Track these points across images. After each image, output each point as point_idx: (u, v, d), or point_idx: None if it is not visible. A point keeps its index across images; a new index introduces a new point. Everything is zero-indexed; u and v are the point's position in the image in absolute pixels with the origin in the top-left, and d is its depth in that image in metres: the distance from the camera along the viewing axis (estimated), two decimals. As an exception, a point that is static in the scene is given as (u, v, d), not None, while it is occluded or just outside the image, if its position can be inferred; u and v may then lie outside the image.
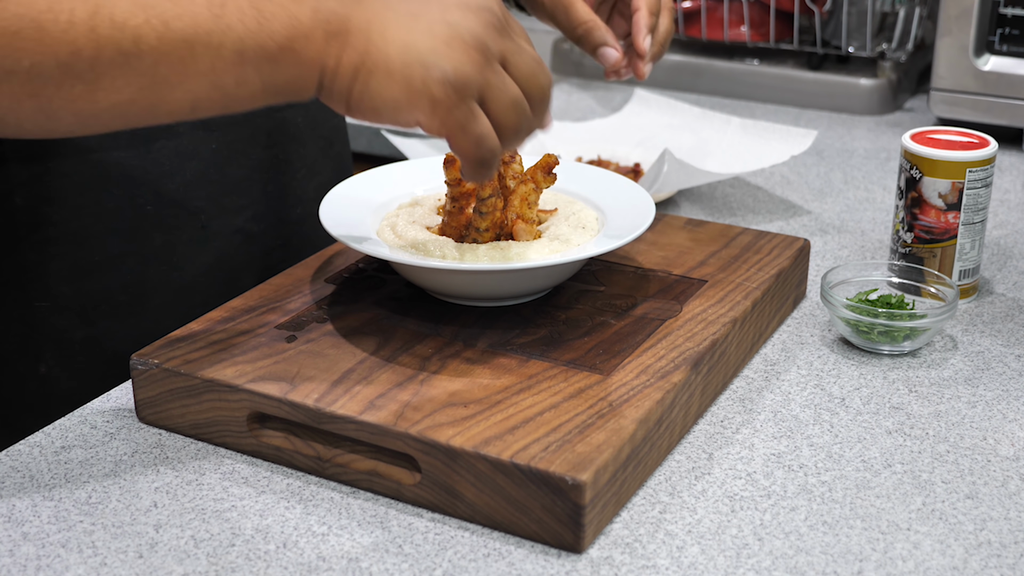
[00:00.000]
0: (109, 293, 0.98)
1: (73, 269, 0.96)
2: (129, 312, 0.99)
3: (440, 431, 0.77)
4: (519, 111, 0.77)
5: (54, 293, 0.96)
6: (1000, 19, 1.45)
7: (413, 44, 0.74)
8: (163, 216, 0.98)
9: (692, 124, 1.44)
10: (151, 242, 0.98)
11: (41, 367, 0.98)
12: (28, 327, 0.96)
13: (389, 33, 0.74)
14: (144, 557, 0.74)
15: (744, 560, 0.74)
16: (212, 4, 0.72)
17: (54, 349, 0.98)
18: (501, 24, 0.77)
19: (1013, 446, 0.86)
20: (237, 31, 0.72)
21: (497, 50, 0.76)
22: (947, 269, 1.06)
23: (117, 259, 0.98)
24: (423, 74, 0.74)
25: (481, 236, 0.92)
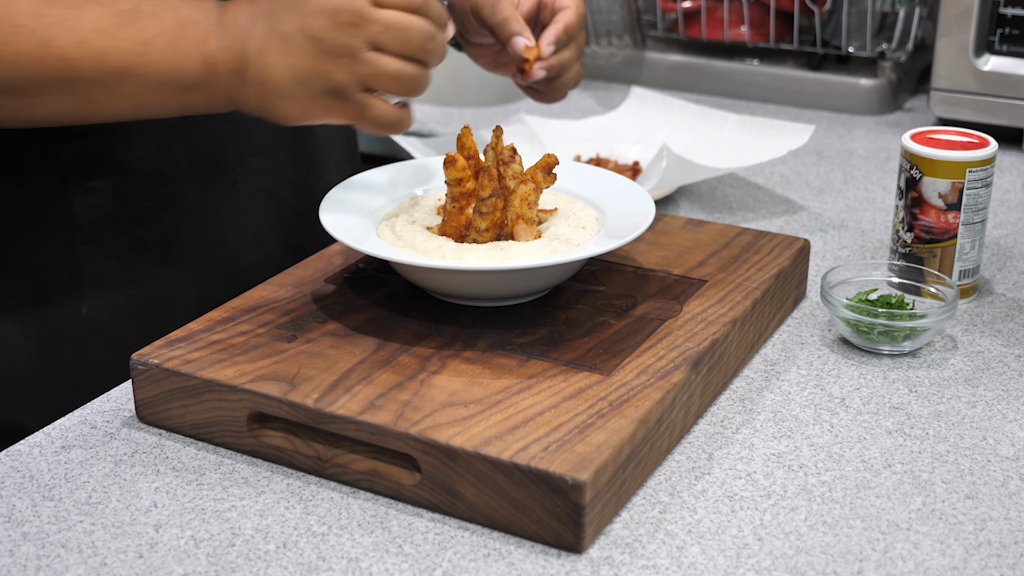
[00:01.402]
0: (147, 242, 1.03)
1: (115, 218, 1.02)
2: (165, 260, 1.04)
3: (440, 431, 0.77)
4: (402, 78, 0.87)
5: (97, 239, 1.02)
6: (1000, 19, 1.45)
7: (292, 66, 0.86)
8: (198, 173, 1.04)
9: (689, 121, 1.44)
10: (186, 196, 1.04)
11: (83, 307, 1.02)
12: (72, 271, 1.02)
13: (272, 60, 0.86)
14: (144, 557, 0.74)
15: (744, 560, 0.74)
16: (139, 42, 0.86)
17: (96, 292, 1.02)
18: (357, 16, 0.86)
19: (1013, 446, 0.86)
20: (158, 67, 0.87)
21: (361, 42, 0.86)
22: (947, 269, 1.06)
23: (155, 211, 1.03)
24: (307, 91, 0.87)
25: (481, 236, 0.92)
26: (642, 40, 1.77)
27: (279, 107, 0.88)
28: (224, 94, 0.89)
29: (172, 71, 0.87)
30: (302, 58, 0.86)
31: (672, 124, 1.44)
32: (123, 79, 0.86)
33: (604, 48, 1.76)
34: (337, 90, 0.86)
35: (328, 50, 0.86)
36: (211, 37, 0.87)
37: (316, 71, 0.86)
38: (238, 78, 0.87)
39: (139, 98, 0.88)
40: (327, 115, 0.89)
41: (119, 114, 0.89)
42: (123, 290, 1.03)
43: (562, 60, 1.04)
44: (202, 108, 0.90)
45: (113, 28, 0.85)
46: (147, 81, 0.86)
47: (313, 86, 0.86)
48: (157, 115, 0.90)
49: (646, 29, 1.77)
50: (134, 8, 0.86)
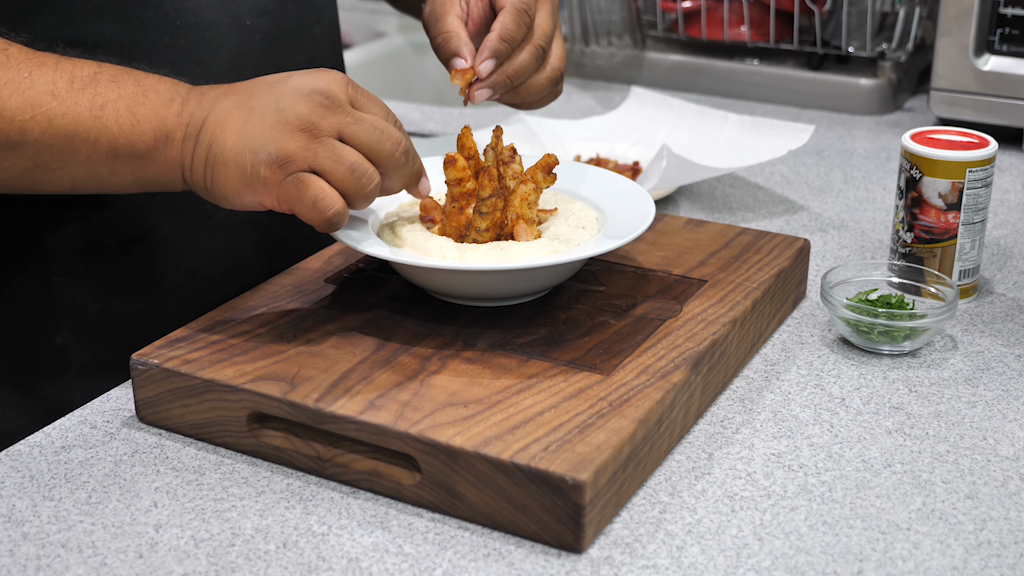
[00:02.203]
0: (121, 274, 1.01)
1: (88, 250, 1.00)
2: (139, 292, 1.03)
3: (440, 431, 0.77)
4: (359, 176, 0.84)
5: (70, 269, 1.00)
6: (1000, 19, 1.45)
7: (245, 133, 0.83)
8: (172, 206, 1.02)
9: (689, 121, 1.44)
10: (160, 230, 1.02)
11: (57, 337, 1.01)
12: (46, 299, 1.00)
13: (229, 127, 0.83)
14: (144, 557, 0.74)
15: (744, 560, 0.74)
16: (93, 106, 0.83)
17: (69, 321, 1.01)
18: (334, 103, 0.84)
19: (1013, 446, 0.86)
20: (112, 131, 0.83)
21: (329, 126, 0.83)
22: (947, 269, 1.06)
23: (128, 243, 1.01)
24: (252, 158, 0.83)
25: (481, 236, 0.92)
26: (642, 40, 1.77)
27: (219, 176, 0.84)
28: (177, 163, 0.85)
29: (126, 136, 0.83)
30: (259, 126, 0.83)
31: (672, 124, 1.44)
32: (73, 144, 0.83)
33: (604, 48, 1.76)
34: (281, 159, 0.82)
35: (288, 120, 0.83)
36: (173, 104, 0.85)
37: (267, 137, 0.82)
38: (191, 145, 0.84)
39: (91, 165, 0.84)
40: (264, 192, 0.83)
41: (74, 182, 0.86)
42: (97, 320, 1.01)
43: (511, 71, 0.96)
44: (155, 179, 0.86)
45: (66, 92, 0.83)
46: (99, 147, 0.83)
47: (257, 153, 0.82)
48: (112, 186, 0.86)
49: (646, 29, 1.77)
50: (94, 75, 0.84)
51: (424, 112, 1.67)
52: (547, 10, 0.99)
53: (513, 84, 0.97)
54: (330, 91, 0.84)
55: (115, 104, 0.83)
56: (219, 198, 0.85)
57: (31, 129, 0.82)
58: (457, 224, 0.95)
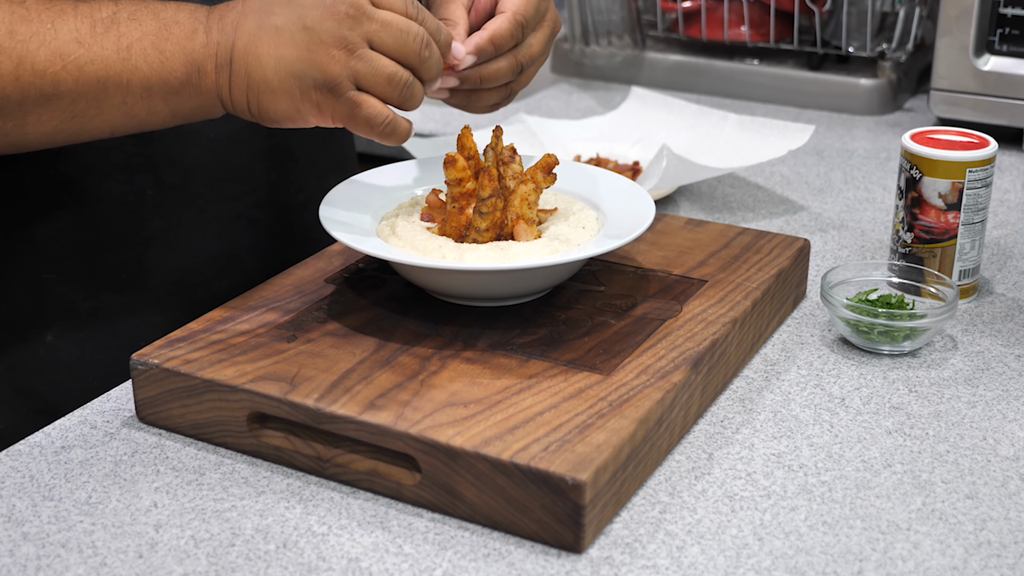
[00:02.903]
0: (112, 270, 1.01)
1: (78, 247, 1.00)
2: (130, 289, 1.02)
3: (440, 431, 0.77)
4: (396, 82, 0.85)
5: (61, 267, 1.00)
6: (1000, 19, 1.45)
7: (283, 58, 0.83)
8: (162, 200, 1.01)
9: (689, 121, 1.44)
10: (151, 225, 1.01)
11: (48, 335, 1.01)
12: (37, 297, 1.00)
13: (262, 52, 0.84)
14: (144, 557, 0.74)
15: (744, 560, 0.74)
16: (120, 48, 0.83)
17: (61, 319, 1.01)
18: (357, 10, 0.83)
19: (1013, 446, 0.86)
20: (143, 71, 0.84)
21: (358, 37, 0.83)
22: (947, 269, 1.06)
23: (119, 239, 1.01)
24: (299, 84, 0.83)
25: (481, 236, 0.92)
26: (642, 40, 1.77)
27: (266, 104, 0.85)
28: (214, 93, 0.86)
29: (157, 74, 0.84)
30: (294, 49, 0.83)
31: (672, 124, 1.44)
32: (107, 89, 0.84)
33: (604, 48, 1.76)
34: (329, 84, 0.83)
35: (323, 40, 0.83)
36: (196, 35, 0.85)
37: (308, 62, 0.83)
38: (226, 74, 0.85)
39: (128, 107, 0.85)
40: (317, 114, 0.85)
41: (113, 126, 0.86)
42: (89, 318, 1.01)
43: (483, 74, 0.94)
44: (194, 112, 0.87)
45: (91, 38, 0.83)
46: (133, 88, 0.84)
47: (304, 79, 0.83)
48: (152, 124, 0.87)
49: (646, 29, 1.77)
50: (113, 15, 0.84)
51: (424, 112, 1.67)
52: (544, 35, 0.97)
53: (479, 87, 0.95)
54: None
55: (140, 43, 0.83)
56: (269, 122, 0.86)
57: (63, 79, 0.82)
58: (457, 224, 0.95)
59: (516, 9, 0.94)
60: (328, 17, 0.83)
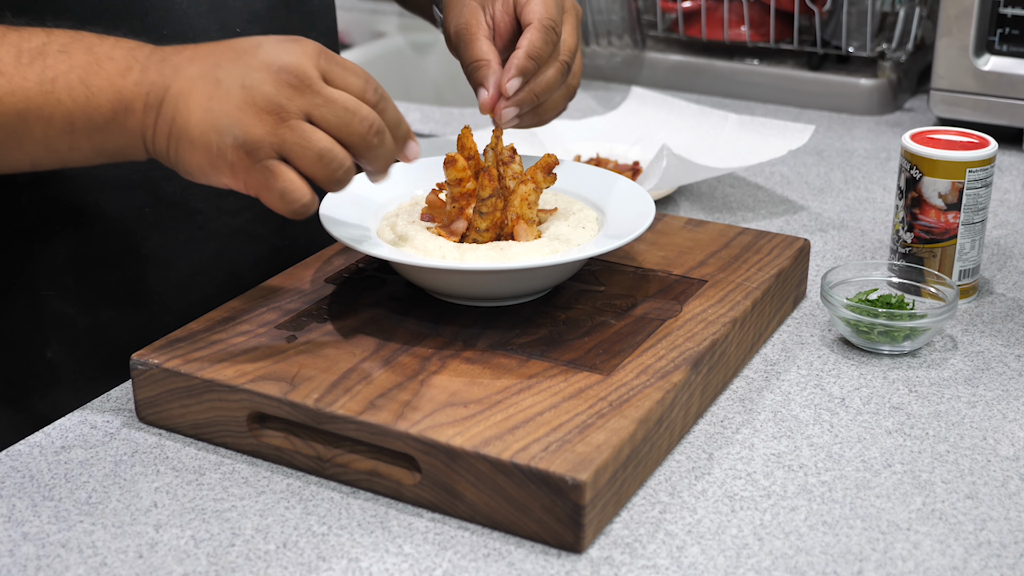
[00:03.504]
0: (110, 287, 1.00)
1: (75, 264, 0.99)
2: (129, 305, 1.01)
3: (440, 431, 0.77)
4: (328, 161, 0.80)
5: (59, 284, 0.99)
6: (1000, 19, 1.45)
7: (210, 110, 0.79)
8: (160, 219, 1.01)
9: (689, 121, 1.44)
10: (149, 243, 1.01)
11: (47, 352, 1.01)
12: (35, 314, 0.99)
13: (193, 101, 0.79)
14: (144, 557, 0.74)
15: (744, 560, 0.74)
16: (43, 80, 0.79)
17: (59, 335, 1.00)
18: (303, 82, 0.79)
19: (1013, 446, 0.86)
20: (66, 105, 0.79)
21: (296, 108, 0.79)
22: (947, 269, 1.06)
23: (116, 257, 1.00)
24: (217, 140, 0.79)
25: (481, 236, 0.92)
26: (642, 40, 1.77)
27: (183, 153, 0.80)
28: (138, 133, 0.81)
29: (81, 109, 0.79)
30: (224, 104, 0.79)
31: (672, 124, 1.44)
32: (27, 121, 0.79)
33: (604, 48, 1.76)
34: (248, 145, 0.78)
35: (255, 101, 0.78)
36: (130, 72, 0.80)
37: (234, 119, 0.78)
38: (152, 116, 0.80)
39: (49, 141, 0.80)
40: (230, 174, 0.80)
41: (34, 160, 0.82)
42: (88, 334, 1.00)
43: (537, 88, 0.94)
44: (116, 152, 0.82)
45: (13, 68, 0.79)
46: (55, 122, 0.80)
47: (224, 135, 0.78)
48: (75, 160, 0.83)
49: (646, 29, 1.77)
50: (42, 46, 0.80)
51: (424, 112, 1.67)
52: (572, 24, 0.98)
53: (538, 101, 0.95)
54: (299, 68, 0.79)
55: (67, 76, 0.79)
56: (184, 174, 0.82)
57: None
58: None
59: (540, 16, 0.94)
60: (269, 81, 0.79)
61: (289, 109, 0.79)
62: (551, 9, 0.95)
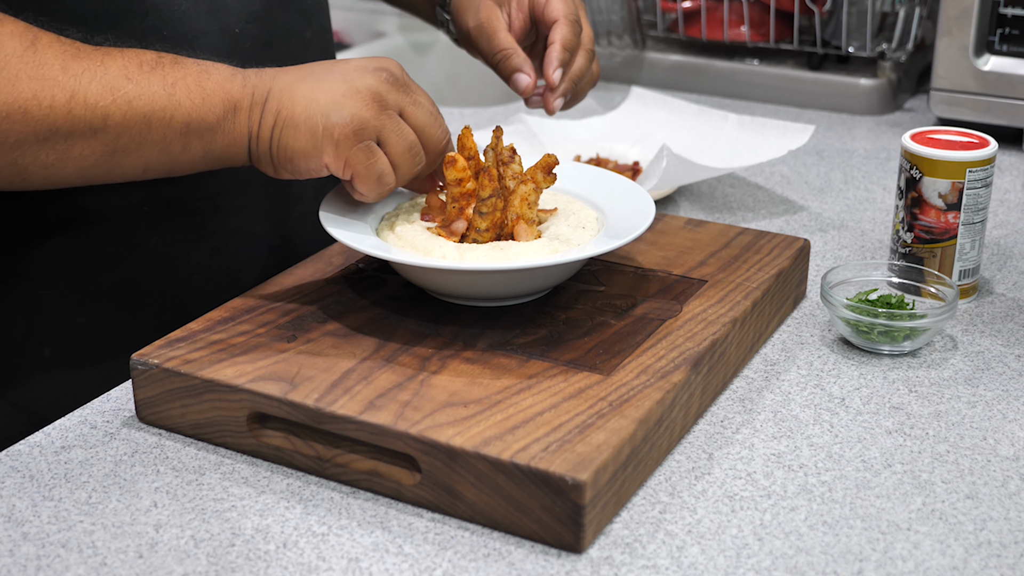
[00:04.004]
0: (108, 287, 1.01)
1: (73, 263, 0.99)
2: (127, 306, 1.02)
3: (440, 431, 0.77)
4: (414, 155, 0.91)
5: (56, 283, 0.99)
6: (1000, 19, 1.45)
7: (315, 99, 0.88)
8: (158, 218, 1.01)
9: (689, 121, 1.44)
10: (147, 242, 1.01)
11: (44, 351, 1.01)
12: (32, 313, 1.00)
13: (297, 94, 0.88)
14: (144, 557, 0.74)
15: (744, 560, 0.74)
16: (165, 84, 0.86)
17: (56, 335, 1.01)
18: (399, 82, 0.90)
19: (1013, 446, 0.86)
20: (185, 107, 0.87)
21: (394, 101, 0.89)
22: (947, 269, 1.06)
23: (114, 257, 1.00)
24: (324, 121, 0.87)
25: (481, 236, 0.93)
26: (642, 40, 1.77)
27: (287, 138, 0.88)
28: (244, 131, 0.89)
29: (198, 110, 0.87)
30: (329, 93, 0.87)
31: (672, 124, 1.44)
32: (151, 123, 0.86)
33: (604, 48, 1.76)
34: (355, 125, 0.87)
35: (359, 90, 0.88)
36: (235, 78, 0.89)
37: (340, 104, 0.87)
38: (258, 112, 0.88)
39: (166, 143, 0.87)
40: (333, 153, 0.88)
41: (147, 164, 0.88)
42: (85, 334, 1.00)
43: (574, 75, 1.05)
44: (222, 152, 0.89)
45: (139, 75, 0.86)
46: (175, 124, 0.86)
47: (330, 116, 0.87)
48: (182, 163, 0.89)
49: (646, 29, 1.77)
50: (158, 58, 0.87)
51: (424, 112, 1.67)
52: (585, 16, 1.09)
53: (575, 89, 1.07)
54: (393, 70, 0.90)
55: (184, 81, 0.87)
56: (283, 161, 0.89)
57: (112, 113, 0.85)
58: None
59: (566, 12, 1.05)
60: (369, 75, 0.89)
61: (388, 100, 0.89)
62: (570, 5, 1.06)
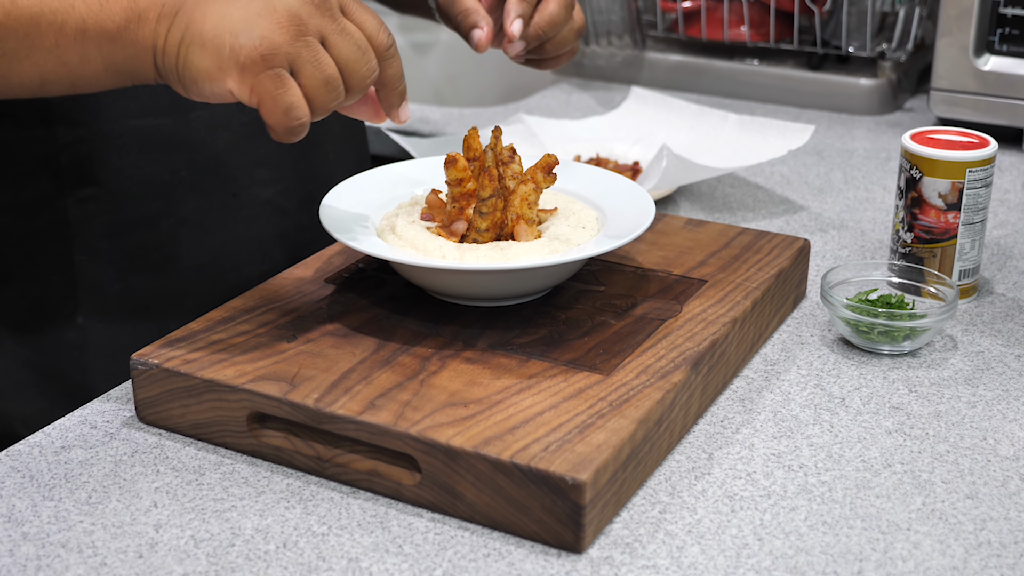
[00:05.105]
0: (145, 251, 1.01)
1: (111, 226, 1.00)
2: (162, 270, 1.02)
3: (440, 431, 0.77)
4: (331, 89, 0.79)
5: (93, 248, 1.00)
6: (1000, 19, 1.45)
7: (227, 15, 0.77)
8: (196, 182, 1.02)
9: (689, 121, 1.44)
10: (184, 206, 1.02)
11: (79, 317, 1.01)
12: (68, 279, 1.00)
13: (210, 9, 0.78)
14: (144, 557, 0.74)
15: (744, 560, 0.74)
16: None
17: (92, 301, 1.01)
18: (325, 2, 0.79)
19: (1013, 446, 0.86)
20: (80, 11, 0.78)
21: (315, 27, 0.78)
22: (947, 269, 1.06)
23: (152, 220, 1.01)
24: (231, 41, 0.76)
25: (481, 236, 0.93)
26: (642, 40, 1.77)
27: (192, 59, 0.78)
28: (149, 44, 0.79)
29: (95, 16, 0.78)
30: (243, 10, 0.77)
31: (672, 124, 1.44)
32: (39, 26, 0.78)
33: (604, 48, 1.76)
34: (264, 50, 0.77)
35: (276, 10, 0.77)
36: None
37: (252, 24, 0.77)
38: (165, 25, 0.79)
39: (60, 51, 0.79)
40: (238, 79, 0.78)
41: (42, 72, 0.80)
42: (120, 300, 1.01)
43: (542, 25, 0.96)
44: (125, 65, 0.81)
45: None
46: (67, 29, 0.78)
47: (238, 37, 0.77)
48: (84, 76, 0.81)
49: (646, 29, 1.77)
50: None
51: (424, 112, 1.67)
52: None
53: (546, 37, 0.97)
54: None
55: None
56: (188, 82, 0.80)
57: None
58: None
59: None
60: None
61: (308, 25, 0.78)
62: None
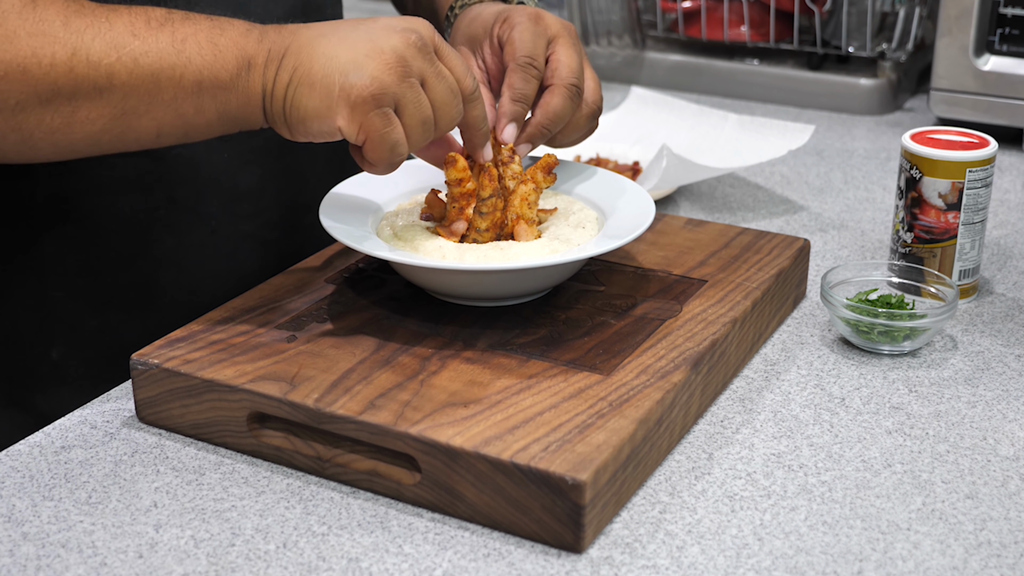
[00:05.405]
0: (120, 289, 1.00)
1: (87, 264, 0.99)
2: (138, 307, 1.02)
3: (440, 431, 0.77)
4: (426, 129, 0.85)
5: (68, 284, 0.99)
6: (1000, 19, 1.45)
7: (334, 57, 0.82)
8: (174, 220, 1.01)
9: (689, 121, 1.44)
10: (161, 244, 1.01)
11: (53, 352, 1.00)
12: (43, 314, 0.99)
13: (316, 51, 0.82)
14: (144, 557, 0.74)
15: (744, 560, 0.74)
16: (174, 40, 0.81)
17: (66, 336, 1.00)
18: (425, 46, 0.84)
19: (1013, 446, 0.86)
20: (196, 63, 0.81)
21: (417, 68, 0.83)
22: (947, 269, 1.06)
23: (128, 259, 1.00)
24: (341, 81, 0.81)
25: (481, 236, 0.92)
26: (642, 40, 1.77)
27: (301, 98, 0.82)
28: (258, 90, 0.83)
29: (209, 67, 0.81)
30: (350, 52, 0.81)
31: (672, 124, 1.44)
32: (159, 82, 0.81)
33: (604, 48, 1.76)
34: (375, 89, 0.81)
35: (383, 51, 0.81)
36: (251, 33, 0.83)
37: (360, 65, 0.81)
38: (273, 69, 0.82)
39: (178, 104, 0.82)
40: (348, 116, 0.82)
41: (160, 127, 0.83)
42: (95, 336, 1.00)
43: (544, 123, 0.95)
44: (237, 114, 0.84)
45: (145, 31, 0.81)
46: (185, 82, 0.81)
47: (350, 76, 0.81)
48: (198, 127, 0.84)
49: (646, 29, 1.77)
50: (167, 14, 0.83)
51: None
52: (567, 45, 0.96)
53: (553, 132, 0.96)
54: (422, 32, 0.84)
55: (195, 37, 0.82)
56: (295, 122, 0.83)
57: (118, 71, 0.80)
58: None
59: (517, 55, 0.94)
60: (396, 36, 0.82)
61: (412, 67, 0.82)
62: (527, 45, 0.94)
